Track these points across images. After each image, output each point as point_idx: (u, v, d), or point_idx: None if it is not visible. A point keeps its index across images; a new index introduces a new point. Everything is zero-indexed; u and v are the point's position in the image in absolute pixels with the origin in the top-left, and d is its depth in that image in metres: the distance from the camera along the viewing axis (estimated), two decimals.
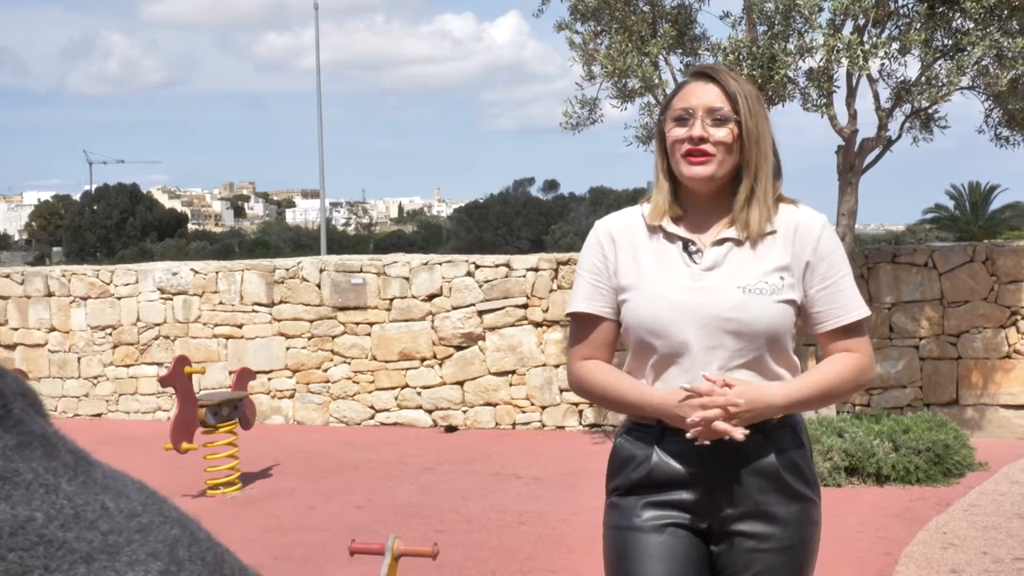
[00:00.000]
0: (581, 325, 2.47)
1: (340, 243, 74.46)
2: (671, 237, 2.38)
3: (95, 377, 11.71)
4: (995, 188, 39.09)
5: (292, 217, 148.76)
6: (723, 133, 2.31)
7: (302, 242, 75.17)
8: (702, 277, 2.33)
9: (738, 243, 2.35)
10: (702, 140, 2.31)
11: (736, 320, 2.28)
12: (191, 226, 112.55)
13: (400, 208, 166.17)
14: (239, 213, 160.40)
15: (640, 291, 2.35)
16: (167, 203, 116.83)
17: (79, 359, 11.76)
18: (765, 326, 2.30)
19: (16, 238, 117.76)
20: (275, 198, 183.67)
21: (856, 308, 2.39)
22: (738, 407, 2.21)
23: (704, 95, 2.34)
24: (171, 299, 11.43)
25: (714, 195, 2.38)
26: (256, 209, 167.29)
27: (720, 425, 2.21)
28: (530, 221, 72.09)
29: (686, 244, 2.37)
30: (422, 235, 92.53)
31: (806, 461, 2.40)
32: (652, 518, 2.35)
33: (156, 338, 11.48)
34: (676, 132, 2.35)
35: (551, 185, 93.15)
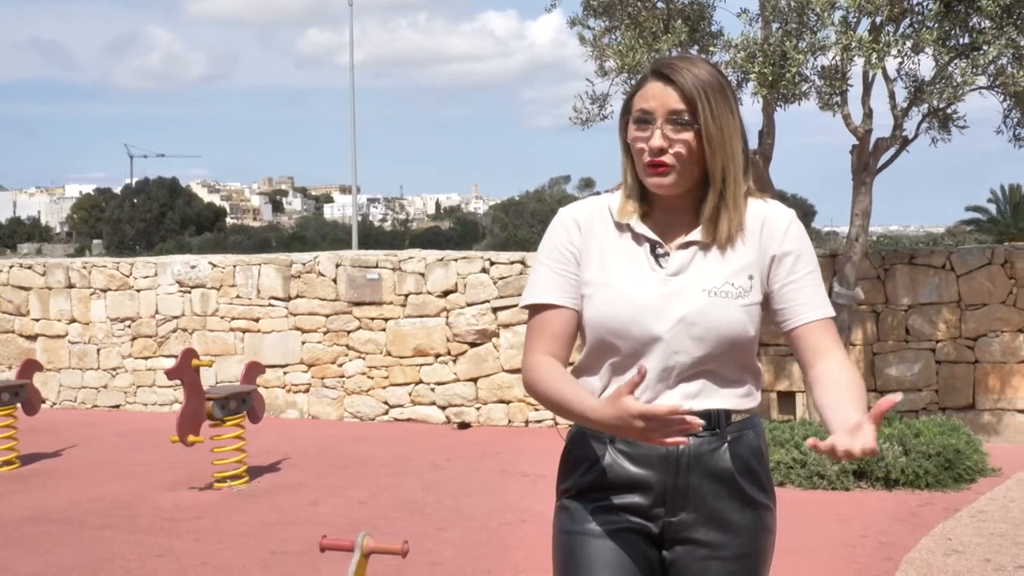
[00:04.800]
0: (542, 317, 2.34)
1: (376, 239, 74.83)
2: (639, 239, 2.30)
3: (114, 369, 11.83)
4: None
5: (330, 212, 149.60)
6: (681, 144, 2.21)
7: (338, 237, 75.59)
8: (667, 282, 2.25)
9: (704, 246, 2.27)
10: (662, 150, 2.22)
11: (700, 324, 2.21)
12: (229, 220, 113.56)
13: (437, 204, 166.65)
14: (277, 208, 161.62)
15: (604, 288, 2.27)
16: (206, 197, 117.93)
17: (98, 350, 11.88)
18: (730, 330, 2.22)
19: (57, 230, 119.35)
20: (313, 193, 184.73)
21: (822, 306, 2.29)
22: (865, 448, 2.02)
23: (664, 97, 2.23)
24: (189, 292, 11.52)
25: (681, 197, 2.29)
26: (294, 204, 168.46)
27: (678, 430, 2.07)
28: None
29: (653, 247, 2.29)
30: (458, 232, 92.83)
31: (763, 467, 2.33)
32: (603, 523, 2.28)
33: (174, 331, 11.57)
34: (637, 138, 2.26)
35: (587, 183, 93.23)
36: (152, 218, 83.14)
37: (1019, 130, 8.48)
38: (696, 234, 2.28)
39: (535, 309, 2.36)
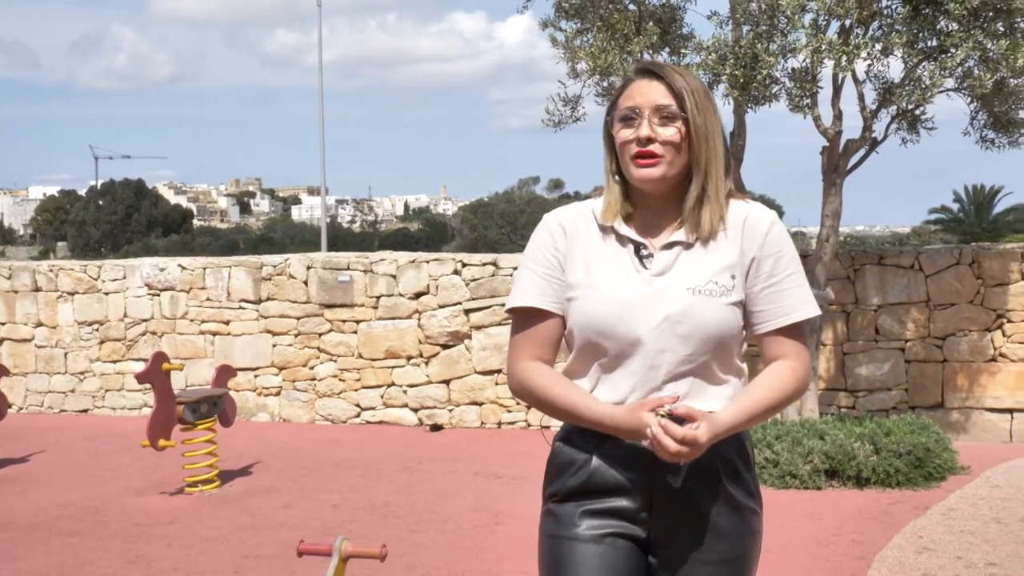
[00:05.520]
0: (527, 321, 2.36)
1: (345, 240, 74.52)
2: (623, 240, 2.32)
3: (82, 373, 11.70)
4: (999, 191, 39.05)
5: (298, 214, 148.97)
6: (671, 132, 2.25)
7: (306, 238, 75.22)
8: (652, 282, 2.27)
9: (687, 246, 2.29)
10: (650, 140, 2.25)
11: (685, 323, 2.23)
12: (197, 222, 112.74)
13: (406, 205, 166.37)
14: (245, 209, 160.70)
15: (590, 290, 2.29)
16: (173, 199, 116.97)
17: (66, 354, 11.75)
18: (714, 329, 2.24)
19: (21, 233, 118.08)
20: (281, 195, 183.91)
21: (800, 308, 2.31)
22: (698, 445, 2.13)
23: (650, 92, 2.28)
24: (158, 295, 11.42)
25: (665, 194, 2.31)
26: (262, 206, 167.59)
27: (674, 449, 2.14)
28: (534, 220, 71.55)
29: (637, 248, 2.31)
30: (427, 233, 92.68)
31: (749, 470, 2.34)
32: (590, 527, 2.28)
33: (143, 334, 11.46)
34: (624, 133, 2.29)
35: (556, 184, 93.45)
36: (118, 220, 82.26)
37: (986, 132, 8.56)
38: (680, 234, 2.30)
39: (520, 313, 2.38)
